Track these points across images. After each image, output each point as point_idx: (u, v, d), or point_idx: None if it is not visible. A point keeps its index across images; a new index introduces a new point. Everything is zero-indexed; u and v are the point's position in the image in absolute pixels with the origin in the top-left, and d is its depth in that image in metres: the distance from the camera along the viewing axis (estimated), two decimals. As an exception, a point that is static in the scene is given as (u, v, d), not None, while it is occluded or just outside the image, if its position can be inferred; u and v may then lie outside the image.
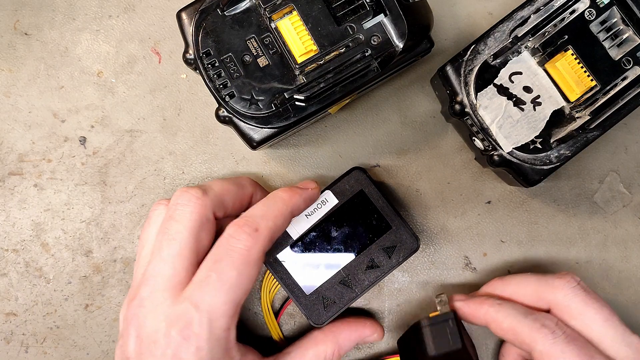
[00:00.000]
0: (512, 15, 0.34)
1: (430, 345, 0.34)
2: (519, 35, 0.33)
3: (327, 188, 0.37)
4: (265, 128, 0.32)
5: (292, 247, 0.36)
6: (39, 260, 0.40)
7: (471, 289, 0.39)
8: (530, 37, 0.34)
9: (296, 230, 0.36)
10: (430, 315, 0.35)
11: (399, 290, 0.40)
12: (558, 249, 0.39)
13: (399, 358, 0.37)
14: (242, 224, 0.32)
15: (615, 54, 0.33)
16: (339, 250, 0.36)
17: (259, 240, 0.31)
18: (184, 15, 0.32)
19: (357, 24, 0.32)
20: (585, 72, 0.33)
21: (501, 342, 0.39)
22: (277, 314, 0.39)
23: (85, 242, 0.40)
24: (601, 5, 0.33)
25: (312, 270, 0.36)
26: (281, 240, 0.36)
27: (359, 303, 0.40)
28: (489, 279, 0.37)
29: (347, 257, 0.36)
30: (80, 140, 0.40)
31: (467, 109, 0.34)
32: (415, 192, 0.40)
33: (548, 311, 0.34)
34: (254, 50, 0.32)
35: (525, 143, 0.33)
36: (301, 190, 0.35)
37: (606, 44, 0.33)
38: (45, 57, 0.40)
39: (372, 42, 0.32)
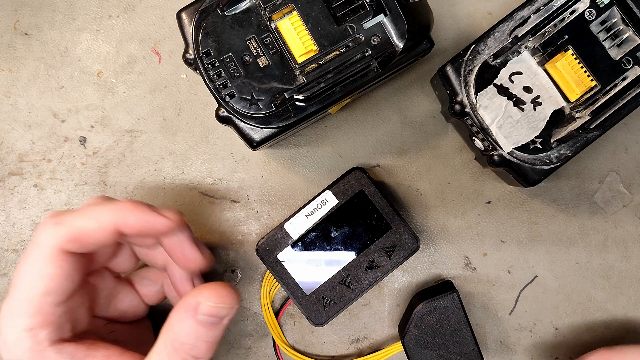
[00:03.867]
0: (512, 15, 0.34)
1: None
2: (519, 35, 0.33)
3: (327, 188, 0.37)
4: (265, 128, 0.32)
5: (292, 247, 0.36)
6: (39, 260, 0.40)
7: (471, 289, 0.39)
8: (530, 37, 0.34)
9: (296, 230, 0.36)
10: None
11: (399, 290, 0.40)
12: (558, 249, 0.39)
13: (400, 344, 0.37)
14: (49, 215, 0.29)
15: (615, 54, 0.33)
16: (339, 250, 0.36)
17: (55, 234, 0.28)
18: (184, 15, 0.32)
19: (357, 24, 0.32)
20: (585, 72, 0.33)
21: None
22: (277, 314, 0.39)
23: (85, 242, 0.40)
24: (601, 5, 0.33)
25: (312, 270, 0.36)
26: (281, 240, 0.36)
27: (359, 303, 0.40)
28: (489, 279, 0.37)
29: (347, 257, 0.36)
30: (80, 140, 0.40)
31: (467, 109, 0.34)
32: (415, 192, 0.40)
33: None
34: (254, 50, 0.32)
35: (525, 143, 0.33)
36: (146, 209, 0.30)
37: (606, 44, 0.33)
38: (45, 57, 0.40)
39: (372, 42, 0.32)
